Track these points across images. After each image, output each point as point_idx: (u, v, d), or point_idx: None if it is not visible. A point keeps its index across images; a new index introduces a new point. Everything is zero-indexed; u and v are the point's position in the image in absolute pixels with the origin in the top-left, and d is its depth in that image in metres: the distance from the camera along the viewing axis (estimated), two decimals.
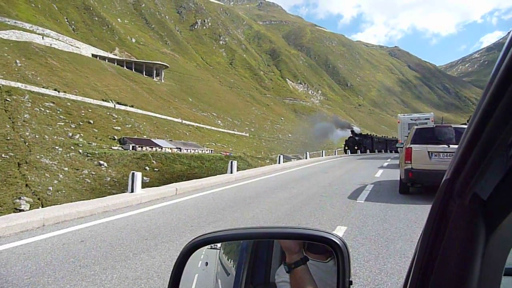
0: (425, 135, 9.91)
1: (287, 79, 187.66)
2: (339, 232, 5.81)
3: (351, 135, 50.41)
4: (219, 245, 1.06)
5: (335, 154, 36.60)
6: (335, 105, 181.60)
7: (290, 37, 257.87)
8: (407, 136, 12.48)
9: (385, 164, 22.58)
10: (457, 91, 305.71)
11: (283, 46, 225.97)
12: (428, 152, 9.29)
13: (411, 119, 29.66)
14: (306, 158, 28.20)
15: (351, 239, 5.38)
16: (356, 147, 46.14)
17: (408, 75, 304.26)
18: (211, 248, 1.05)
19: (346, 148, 46.95)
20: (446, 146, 9.18)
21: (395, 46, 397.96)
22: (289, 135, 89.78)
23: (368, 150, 48.75)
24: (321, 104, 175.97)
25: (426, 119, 29.19)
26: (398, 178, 10.78)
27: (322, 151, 35.49)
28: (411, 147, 9.58)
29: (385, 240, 5.36)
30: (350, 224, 6.40)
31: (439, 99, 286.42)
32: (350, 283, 0.86)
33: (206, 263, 1.04)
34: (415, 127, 10.92)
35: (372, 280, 3.76)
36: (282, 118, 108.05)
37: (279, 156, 22.23)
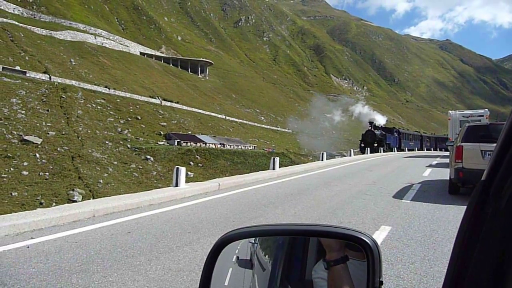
0: (478, 133, 9.42)
1: (331, 75, 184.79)
2: (383, 232, 5.65)
3: (370, 127, 39.71)
4: (253, 240, 1.06)
5: (380, 152, 35.62)
6: (381, 101, 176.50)
7: (335, 32, 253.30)
8: (458, 134, 11.92)
9: (434, 162, 21.73)
10: None
11: (327, 42, 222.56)
12: (481, 151, 8.82)
13: (463, 116, 28.10)
14: (350, 156, 27.67)
15: (396, 240, 5.21)
16: (375, 144, 37.11)
17: (460, 69, 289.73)
18: (249, 243, 1.06)
19: (362, 145, 37.65)
20: None
21: (447, 40, 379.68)
22: (333, 132, 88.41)
23: (382, 148, 37.72)
24: (367, 100, 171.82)
25: (479, 116, 27.51)
26: (448, 178, 10.33)
27: (367, 149, 34.65)
28: (462, 145, 9.13)
29: (432, 242, 5.15)
30: (395, 224, 6.21)
31: (495, 94, 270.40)
32: (381, 283, 0.84)
33: (238, 257, 1.04)
34: (467, 124, 10.41)
35: (417, 283, 3.63)
36: (326, 115, 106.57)
37: (322, 153, 21.95)
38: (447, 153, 29.98)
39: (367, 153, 32.46)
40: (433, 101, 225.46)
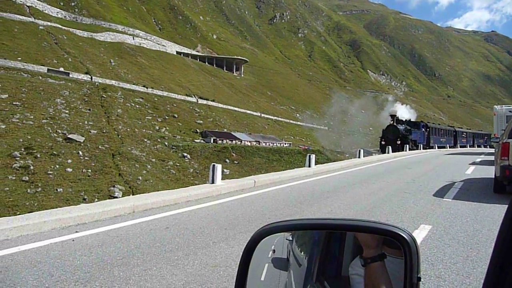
0: None
1: (368, 71, 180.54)
2: (423, 231, 5.48)
3: (391, 121, 35.13)
4: (290, 237, 1.06)
5: (420, 149, 34.52)
6: (421, 97, 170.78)
7: (372, 26, 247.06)
8: (504, 130, 11.38)
9: (478, 160, 20.84)
10: None
11: (364, 36, 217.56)
12: None
13: (509, 111, 26.70)
14: (388, 153, 27.02)
15: (436, 239, 5.05)
16: (398, 141, 32.54)
17: (508, 62, 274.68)
18: (286, 240, 1.06)
19: (383, 142, 32.91)
20: None
21: (492, 31, 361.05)
22: (370, 128, 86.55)
23: (418, 146, 35.24)
24: (406, 96, 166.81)
25: None
26: (493, 176, 9.88)
27: (406, 146, 33.71)
28: (508, 142, 8.70)
29: (475, 242, 4.95)
30: (435, 223, 6.01)
31: None
32: (419, 279, 0.82)
33: (274, 252, 1.04)
34: None
35: (459, 284, 3.50)
36: (363, 111, 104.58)
37: (359, 150, 21.55)
38: (492, 150, 28.67)
39: (406, 150, 31.44)
40: (477, 96, 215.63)
